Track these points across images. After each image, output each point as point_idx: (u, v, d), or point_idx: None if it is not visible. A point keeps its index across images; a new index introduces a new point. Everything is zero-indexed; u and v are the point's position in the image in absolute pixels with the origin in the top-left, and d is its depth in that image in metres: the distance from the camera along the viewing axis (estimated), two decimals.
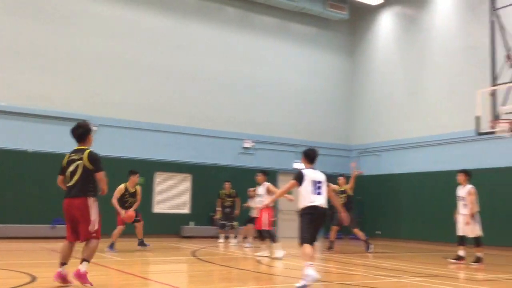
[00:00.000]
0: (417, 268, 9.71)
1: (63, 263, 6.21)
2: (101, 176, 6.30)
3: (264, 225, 11.01)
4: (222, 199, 15.37)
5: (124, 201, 11.48)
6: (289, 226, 19.19)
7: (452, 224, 11.30)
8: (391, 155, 18.87)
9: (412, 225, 17.38)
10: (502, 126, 12.68)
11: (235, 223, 15.08)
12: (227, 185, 15.43)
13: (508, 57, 12.66)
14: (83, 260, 6.12)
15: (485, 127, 13.25)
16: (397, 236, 17.56)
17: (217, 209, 15.59)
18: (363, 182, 19.88)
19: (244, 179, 18.08)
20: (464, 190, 10.77)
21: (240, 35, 18.78)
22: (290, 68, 19.62)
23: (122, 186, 11.50)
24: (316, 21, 20.30)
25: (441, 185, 15.84)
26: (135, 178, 11.73)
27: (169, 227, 16.44)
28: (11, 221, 13.90)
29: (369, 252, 12.47)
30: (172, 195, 16.92)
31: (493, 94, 13.24)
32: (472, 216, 10.45)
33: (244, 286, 7.09)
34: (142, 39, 16.86)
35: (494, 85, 13.32)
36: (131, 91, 16.51)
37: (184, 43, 17.61)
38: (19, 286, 6.10)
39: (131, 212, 11.29)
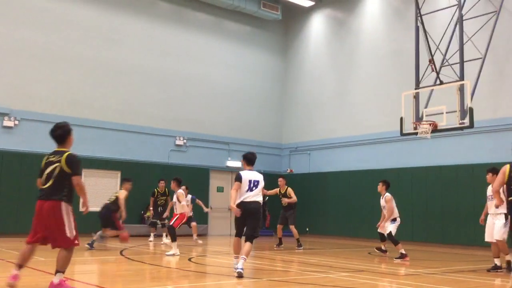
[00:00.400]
0: (344, 263, 10.01)
1: (20, 265, 5.84)
2: (77, 180, 5.88)
3: (172, 222, 11.22)
4: (156, 198, 15.06)
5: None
6: (221, 224, 19.21)
7: (376, 221, 11.87)
8: (320, 154, 19.34)
9: (339, 222, 17.90)
10: (424, 127, 13.32)
11: (166, 222, 14.85)
12: (161, 183, 15.12)
13: (431, 61, 13.30)
14: (57, 271, 5.73)
15: (409, 128, 13.86)
16: (325, 233, 18.03)
17: (150, 207, 15.28)
18: (293, 181, 20.24)
19: (176, 176, 17.92)
20: (383, 200, 11.62)
21: (173, 30, 18.53)
22: (223, 65, 19.61)
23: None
24: (250, 20, 20.42)
25: (367, 183, 16.41)
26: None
27: (96, 226, 15.91)
28: None
29: (300, 249, 12.73)
30: (100, 193, 16.40)
31: (416, 97, 13.87)
32: (390, 220, 11.35)
33: (173, 285, 7.01)
34: (69, 31, 16.23)
35: (417, 88, 13.95)
36: (56, 84, 15.85)
37: (114, 36, 17.13)
38: None
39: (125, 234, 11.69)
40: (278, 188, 13.95)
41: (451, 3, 14.15)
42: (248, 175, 8.10)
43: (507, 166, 7.84)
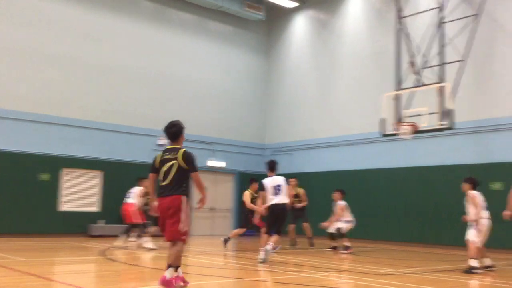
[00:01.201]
0: (326, 263, 10.07)
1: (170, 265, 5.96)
2: (196, 176, 6.11)
3: (136, 219, 11.88)
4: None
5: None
6: (203, 224, 19.16)
7: (356, 221, 12.06)
8: (303, 154, 19.42)
9: (320, 222, 17.97)
10: (404, 128, 13.48)
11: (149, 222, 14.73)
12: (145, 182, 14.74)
13: (411, 63, 13.46)
14: (169, 265, 5.83)
15: (390, 129, 14.02)
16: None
17: None
18: None
19: None
20: (336, 207, 12.91)
21: (156, 29, 18.42)
22: (206, 65, 19.56)
23: (247, 192, 12.78)
24: (234, 20, 20.41)
25: (348, 184, 16.51)
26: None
27: (77, 226, 15.79)
28: None
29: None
30: (81, 193, 16.26)
31: (397, 98, 14.03)
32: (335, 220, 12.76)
33: (152, 286, 6.97)
34: (51, 29, 16.03)
35: (398, 90, 14.11)
36: (36, 83, 15.64)
37: (97, 35, 16.97)
38: None
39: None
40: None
41: (431, 5, 14.34)
42: (270, 181, 9.68)
43: None
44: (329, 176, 17.95)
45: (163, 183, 6.07)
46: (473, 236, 9.05)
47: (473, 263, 8.89)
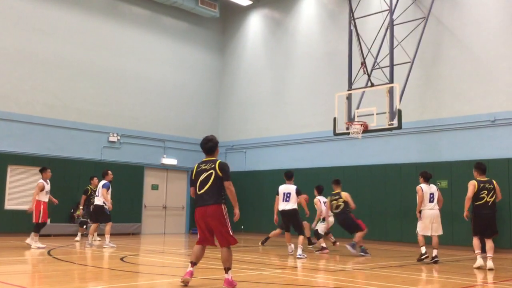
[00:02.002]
0: (277, 260, 10.15)
1: (194, 263, 6.64)
2: (229, 184, 6.62)
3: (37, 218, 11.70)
4: (89, 196, 14.10)
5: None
6: (155, 222, 18.92)
7: (308, 219, 12.23)
8: (256, 152, 19.50)
9: (273, 220, 18.11)
10: (356, 127, 13.75)
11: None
12: (95, 180, 14.16)
13: (363, 64, 13.74)
14: (228, 268, 6.45)
15: (341, 128, 14.27)
16: (259, 230, 18.19)
17: (80, 206, 14.63)
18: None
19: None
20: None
21: (108, 24, 18.02)
22: (159, 62, 19.31)
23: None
24: (188, 17, 20.23)
25: (300, 182, 16.71)
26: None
27: (23, 224, 15.24)
28: None
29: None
30: (27, 191, 15.70)
31: (349, 98, 14.29)
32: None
33: (103, 285, 6.84)
34: None
35: (350, 90, 14.38)
36: None
37: (45, 28, 16.43)
38: None
39: None
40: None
41: (382, 8, 14.69)
42: (283, 188, 10.97)
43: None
44: (281, 174, 18.05)
45: (201, 192, 6.56)
46: (418, 227, 10.16)
47: (422, 250, 9.94)
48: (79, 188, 14.98)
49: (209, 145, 6.73)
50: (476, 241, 9.38)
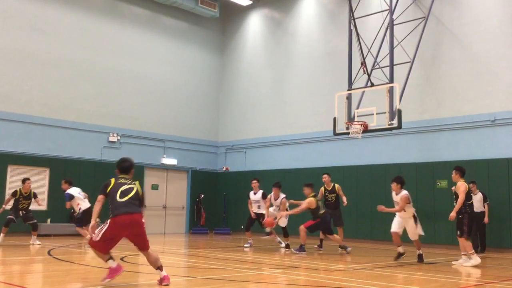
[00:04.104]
0: (278, 260, 10.16)
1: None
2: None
3: None
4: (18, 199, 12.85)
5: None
6: (155, 222, 18.91)
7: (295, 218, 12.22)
8: (256, 153, 19.50)
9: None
10: (356, 127, 13.75)
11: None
12: (28, 183, 12.95)
13: (363, 64, 13.73)
14: (162, 266, 6.78)
15: (341, 128, 14.27)
16: (260, 230, 18.18)
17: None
18: (229, 178, 20.31)
19: (110, 173, 17.41)
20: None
21: (108, 24, 18.01)
22: (159, 62, 19.31)
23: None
24: (188, 17, 20.23)
25: (300, 182, 16.70)
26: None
27: (23, 225, 15.21)
28: None
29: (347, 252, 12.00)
30: None
31: (349, 98, 14.28)
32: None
33: (103, 285, 6.83)
34: None
35: (350, 89, 14.37)
36: None
37: (45, 28, 16.42)
38: None
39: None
40: (321, 189, 12.92)
41: (382, 7, 14.69)
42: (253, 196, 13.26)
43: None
44: (281, 174, 18.08)
45: (124, 199, 6.45)
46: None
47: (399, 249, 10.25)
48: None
49: (125, 165, 6.84)
50: (469, 241, 9.58)
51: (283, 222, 12.42)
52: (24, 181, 12.87)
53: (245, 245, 13.11)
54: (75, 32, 17.13)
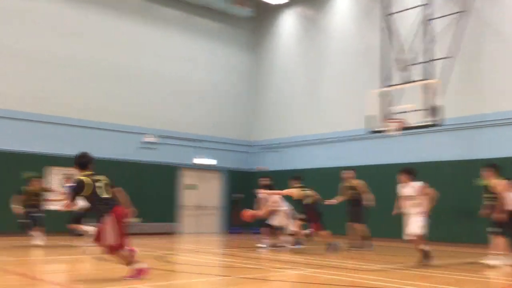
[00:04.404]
0: (315, 260, 10.06)
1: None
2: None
3: None
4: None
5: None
6: (191, 222, 19.05)
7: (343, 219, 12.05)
8: (290, 152, 19.40)
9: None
10: (392, 125, 13.51)
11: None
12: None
13: (398, 60, 13.49)
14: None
15: (376, 126, 14.04)
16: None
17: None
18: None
19: (145, 174, 17.70)
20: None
21: (142, 26, 18.26)
22: (193, 62, 19.44)
23: None
24: (221, 17, 20.30)
25: (336, 181, 16.55)
26: None
27: (62, 224, 15.56)
28: None
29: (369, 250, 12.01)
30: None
31: (384, 95, 14.06)
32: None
33: (144, 284, 6.91)
34: (33, 26, 15.79)
35: (385, 87, 14.14)
36: (20, 81, 15.43)
37: (82, 32, 16.76)
38: None
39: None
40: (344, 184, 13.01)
41: (418, 2, 14.38)
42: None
43: None
44: (316, 173, 17.94)
45: (107, 196, 6.85)
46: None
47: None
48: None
49: (83, 160, 7.41)
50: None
51: (274, 220, 12.35)
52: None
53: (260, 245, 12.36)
54: (111, 35, 17.43)
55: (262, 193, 12.40)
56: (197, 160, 19.12)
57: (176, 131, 18.70)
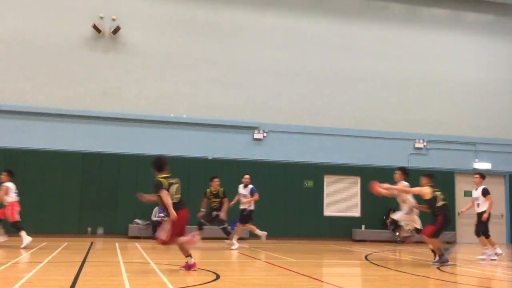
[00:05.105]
0: None
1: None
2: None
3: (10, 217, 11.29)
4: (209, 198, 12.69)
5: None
6: (469, 231, 17.77)
7: None
8: None
9: None
10: None
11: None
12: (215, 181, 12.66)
13: None
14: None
15: None
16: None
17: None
18: None
19: (416, 180, 17.30)
20: None
21: (407, 31, 18.08)
22: (463, 60, 18.29)
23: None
24: (493, 8, 18.62)
25: None
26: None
27: (340, 230, 16.40)
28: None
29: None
30: (342, 198, 16.86)
31: None
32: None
33: None
34: (304, 45, 17.23)
35: None
36: (295, 97, 16.95)
37: (346, 45, 17.52)
38: (204, 283, 6.60)
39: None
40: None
41: None
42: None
43: None
44: None
45: (180, 197, 7.65)
46: None
47: None
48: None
49: (159, 164, 7.69)
50: None
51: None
52: (212, 179, 12.39)
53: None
54: (375, 45, 17.72)
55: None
56: (476, 165, 17.77)
57: (449, 135, 17.78)
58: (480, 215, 11.30)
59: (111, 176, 15.04)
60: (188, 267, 7.67)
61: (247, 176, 12.90)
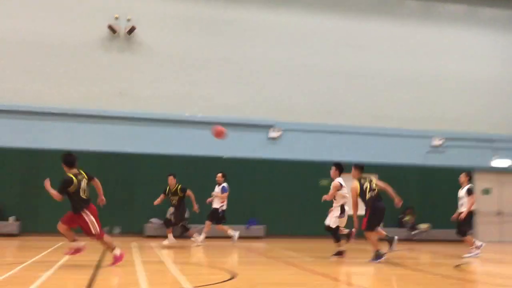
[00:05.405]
0: None
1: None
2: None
3: None
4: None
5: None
6: (488, 229, 17.54)
7: None
8: None
9: None
10: None
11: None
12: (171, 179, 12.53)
13: None
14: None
15: None
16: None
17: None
18: None
19: (434, 179, 17.15)
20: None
21: (421, 27, 17.88)
22: (481, 57, 18.04)
23: None
24: (509, 4, 18.32)
25: None
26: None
27: None
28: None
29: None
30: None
31: None
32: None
33: None
34: (318, 43, 17.13)
35: None
36: (312, 95, 16.88)
37: (361, 43, 17.39)
38: (220, 282, 6.60)
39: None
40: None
41: None
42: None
43: None
44: None
45: (87, 196, 8.37)
46: None
47: None
48: (404, 194, 15.09)
49: (70, 159, 8.21)
50: None
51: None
52: (167, 176, 12.35)
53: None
54: (390, 42, 17.56)
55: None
56: (494, 162, 17.52)
57: (466, 132, 17.56)
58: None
59: (126, 175, 15.13)
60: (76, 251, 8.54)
61: (219, 175, 12.79)
